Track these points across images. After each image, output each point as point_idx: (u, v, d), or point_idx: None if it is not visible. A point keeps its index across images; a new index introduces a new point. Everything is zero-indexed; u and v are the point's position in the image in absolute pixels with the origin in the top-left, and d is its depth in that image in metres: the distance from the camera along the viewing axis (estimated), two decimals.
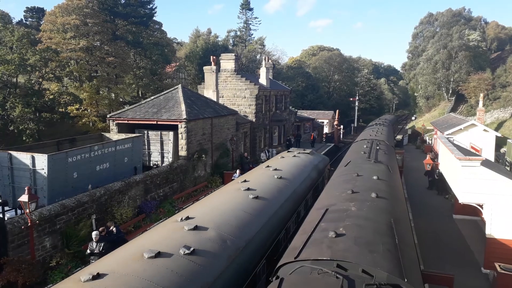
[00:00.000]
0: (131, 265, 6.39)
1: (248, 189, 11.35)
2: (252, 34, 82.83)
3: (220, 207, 9.70)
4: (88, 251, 12.25)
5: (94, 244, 12.12)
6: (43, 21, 39.47)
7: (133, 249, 7.18)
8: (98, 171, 17.91)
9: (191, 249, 6.98)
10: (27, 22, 61.12)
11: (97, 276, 5.95)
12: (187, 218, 8.57)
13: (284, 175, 13.72)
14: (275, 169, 14.49)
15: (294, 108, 52.44)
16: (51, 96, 32.81)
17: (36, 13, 61.62)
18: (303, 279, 6.15)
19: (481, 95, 38.33)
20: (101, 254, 11.56)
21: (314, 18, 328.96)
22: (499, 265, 12.46)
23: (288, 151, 19.83)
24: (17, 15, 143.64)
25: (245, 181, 12.50)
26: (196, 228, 7.99)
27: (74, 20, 35.84)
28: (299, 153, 18.80)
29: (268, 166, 15.14)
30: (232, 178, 21.35)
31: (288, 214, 11.46)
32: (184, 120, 22.55)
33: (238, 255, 7.77)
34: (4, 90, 30.91)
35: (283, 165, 15.57)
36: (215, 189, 21.84)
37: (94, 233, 12.28)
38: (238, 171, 23.47)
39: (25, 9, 63.76)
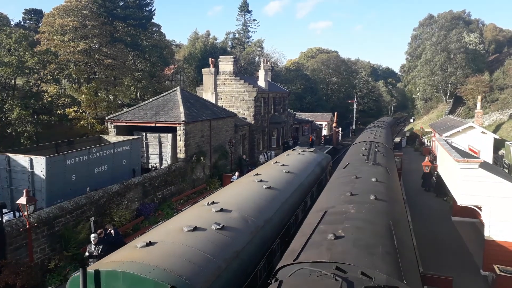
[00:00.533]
0: (175, 236, 7.93)
1: (261, 181, 12.88)
2: (250, 37, 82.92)
3: (239, 194, 11.36)
4: (87, 253, 12.22)
5: (93, 247, 12.09)
6: (41, 23, 39.42)
7: (173, 225, 8.75)
8: (96, 174, 17.88)
9: (221, 225, 8.52)
10: (26, 24, 61.04)
11: (150, 244, 7.42)
12: (213, 203, 10.15)
13: (291, 170, 15.16)
14: (283, 165, 15.94)
15: (293, 111, 52.49)
16: (50, 99, 32.77)
17: (35, 15, 61.55)
18: (302, 282, 6.15)
19: (479, 97, 38.34)
20: (99, 257, 11.53)
21: (314, 20, 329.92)
22: (498, 267, 12.47)
23: (293, 149, 21.59)
24: (16, 17, 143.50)
25: (257, 174, 13.96)
26: (221, 210, 9.55)
27: (72, 22, 35.84)
28: (303, 151, 20.39)
29: (276, 162, 16.75)
30: (231, 180, 21.34)
31: (297, 203, 12.93)
32: (183, 122, 22.55)
33: (258, 232, 9.28)
34: (2, 93, 30.86)
35: (289, 161, 17.02)
36: (213, 191, 21.84)
37: (92, 236, 12.25)
38: (237, 173, 23.46)
39: (24, 11, 63.82)
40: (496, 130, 41.77)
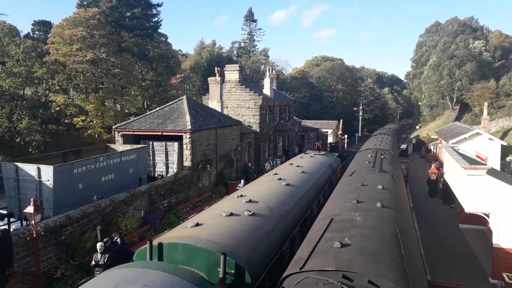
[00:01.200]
0: (216, 219, 9.57)
1: (280, 179, 14.50)
2: (256, 45, 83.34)
3: (263, 189, 13.06)
4: (93, 262, 12.23)
5: (99, 256, 12.10)
6: (50, 34, 40.01)
7: (211, 212, 10.52)
8: (103, 182, 17.97)
9: (252, 212, 10.22)
10: (34, 35, 61.95)
11: (198, 224, 9.08)
12: (241, 195, 11.87)
13: (305, 171, 16.80)
14: (298, 166, 17.69)
15: (299, 118, 52.49)
16: (58, 108, 33.13)
17: (43, 26, 62.53)
18: None
19: (486, 103, 38.13)
20: (106, 266, 11.54)
21: (319, 28, 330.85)
22: (507, 275, 12.32)
23: (305, 153, 23.32)
24: (25, 28, 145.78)
25: (275, 174, 15.63)
26: (250, 201, 11.21)
27: (81, 32, 36.31)
28: (315, 154, 22.30)
29: (291, 164, 18.54)
30: (237, 188, 21.33)
31: (311, 199, 14.49)
32: (189, 130, 22.65)
33: (281, 220, 10.90)
34: (11, 103, 31.24)
35: (303, 163, 18.71)
36: (219, 199, 21.82)
37: (98, 245, 12.27)
38: (242, 181, 23.44)
39: (33, 22, 64.77)
40: (503, 136, 41.45)
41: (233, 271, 7.83)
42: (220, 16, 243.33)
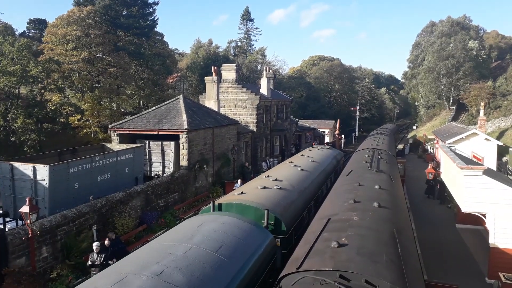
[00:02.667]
0: (254, 190, 12.83)
1: (295, 165, 17.65)
2: (253, 45, 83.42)
3: (284, 172, 16.13)
4: (89, 262, 12.16)
5: (95, 255, 12.04)
6: (45, 33, 39.77)
7: (249, 186, 13.78)
8: (99, 182, 17.89)
9: (279, 186, 13.37)
10: (30, 34, 61.69)
11: (242, 193, 12.36)
12: (268, 176, 15.12)
13: (315, 160, 19.95)
14: (308, 156, 20.83)
15: (296, 118, 52.49)
16: (53, 107, 32.95)
17: (39, 24, 62.19)
18: None
19: (482, 104, 38.30)
20: (102, 266, 11.47)
21: (318, 28, 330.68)
22: (504, 275, 12.34)
23: (313, 147, 27.49)
24: (20, 26, 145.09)
25: (291, 162, 18.95)
26: (276, 179, 14.38)
27: (75, 31, 36.12)
28: (322, 147, 26.26)
29: (302, 155, 21.85)
30: (234, 188, 21.28)
31: (322, 182, 17.40)
32: (186, 130, 22.59)
33: (301, 193, 13.92)
34: (6, 101, 31.06)
35: (312, 154, 21.99)
36: (216, 199, 21.75)
37: (95, 244, 12.21)
38: (239, 180, 23.40)
39: (28, 20, 64.39)
40: (499, 136, 41.60)
41: (273, 222, 10.91)
42: (219, 15, 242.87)
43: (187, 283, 6.36)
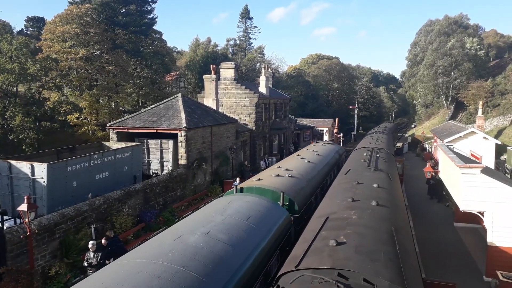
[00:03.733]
0: (270, 177, 14.79)
1: (302, 158, 19.78)
2: (251, 43, 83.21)
3: (293, 164, 18.11)
4: (85, 263, 12.07)
5: (91, 254, 11.95)
6: (43, 31, 39.62)
7: (265, 174, 15.86)
8: (97, 180, 17.88)
9: (291, 175, 15.32)
10: (28, 32, 61.42)
11: (259, 179, 14.47)
12: (280, 166, 17.16)
13: (320, 154, 22.16)
14: (313, 151, 23.06)
15: (295, 117, 52.49)
16: (51, 105, 32.84)
17: (37, 22, 61.89)
18: None
19: (480, 102, 38.34)
20: (99, 265, 11.40)
21: (318, 27, 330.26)
22: (501, 273, 12.38)
23: (317, 142, 30.02)
24: (18, 24, 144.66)
25: (298, 155, 21.28)
26: (287, 169, 16.36)
27: (73, 29, 36.02)
28: (325, 143, 29.25)
29: (307, 149, 24.25)
30: (232, 186, 21.27)
31: (326, 173, 19.53)
32: (184, 128, 22.56)
33: (309, 182, 15.87)
34: (4, 100, 30.96)
35: (317, 149, 24.25)
36: (214, 198, 21.78)
37: (90, 243, 12.14)
38: (238, 179, 23.41)
39: (26, 18, 64.11)
40: (497, 135, 41.69)
41: (287, 203, 12.69)
42: (219, 13, 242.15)
43: (229, 240, 8.36)
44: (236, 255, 8.05)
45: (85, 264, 12.07)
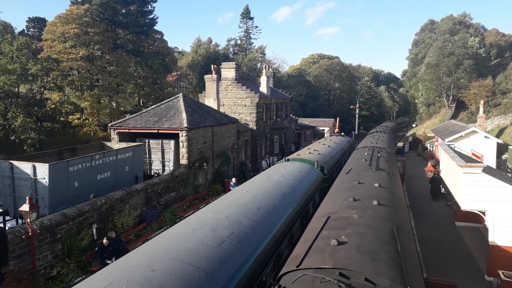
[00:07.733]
0: (305, 154, 19.99)
1: (323, 144, 24.93)
2: (252, 43, 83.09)
3: (318, 147, 22.90)
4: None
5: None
6: (44, 31, 39.66)
7: (301, 151, 21.62)
8: (99, 180, 17.91)
9: (318, 152, 20.35)
10: (29, 32, 61.49)
11: (298, 155, 19.57)
12: (308, 148, 22.52)
13: (336, 142, 27.29)
14: (330, 139, 28.57)
15: (296, 117, 52.47)
16: (53, 106, 32.88)
17: (38, 23, 61.96)
18: None
19: (482, 102, 38.30)
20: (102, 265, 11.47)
21: (322, 26, 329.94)
22: (503, 273, 12.37)
23: (331, 135, 36.61)
24: (20, 25, 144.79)
25: (319, 142, 27.77)
26: (314, 150, 20.98)
27: (74, 29, 36.06)
28: (337, 135, 35.53)
29: (325, 139, 31.06)
30: (230, 188, 21.39)
31: (341, 156, 24.20)
32: (185, 128, 22.59)
33: (332, 157, 21.11)
34: (5, 100, 31.01)
35: (332, 139, 29.42)
36: (216, 198, 21.80)
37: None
38: (234, 179, 23.60)
39: (27, 19, 64.21)
40: (499, 134, 41.63)
41: (319, 168, 17.39)
42: (225, 13, 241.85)
43: (291, 184, 13.48)
44: (295, 192, 13.01)
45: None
